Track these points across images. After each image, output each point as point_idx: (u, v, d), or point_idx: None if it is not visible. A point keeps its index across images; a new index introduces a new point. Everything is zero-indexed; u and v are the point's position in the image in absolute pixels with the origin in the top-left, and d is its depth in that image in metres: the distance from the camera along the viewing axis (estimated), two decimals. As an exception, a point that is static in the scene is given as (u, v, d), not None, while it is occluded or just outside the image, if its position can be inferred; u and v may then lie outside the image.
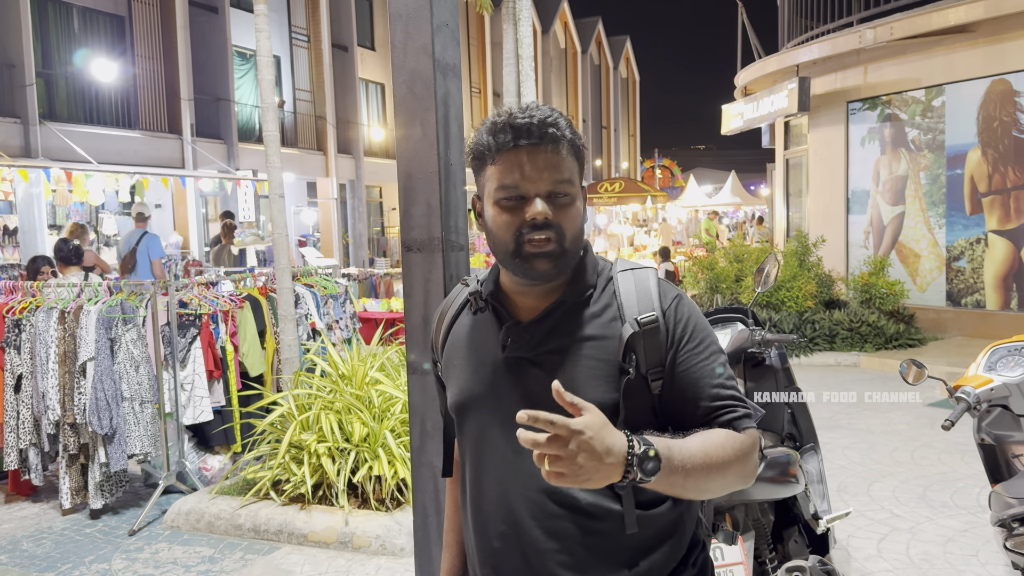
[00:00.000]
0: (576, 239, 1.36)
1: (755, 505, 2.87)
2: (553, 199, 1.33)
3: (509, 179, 1.33)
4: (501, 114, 1.36)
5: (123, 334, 4.83)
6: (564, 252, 1.34)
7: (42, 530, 4.70)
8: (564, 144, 1.34)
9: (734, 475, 1.31)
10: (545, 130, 1.32)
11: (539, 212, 1.31)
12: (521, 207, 1.33)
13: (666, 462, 1.19)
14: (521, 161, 1.32)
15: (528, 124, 1.32)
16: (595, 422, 1.15)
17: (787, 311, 9.33)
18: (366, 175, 23.73)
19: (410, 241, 2.44)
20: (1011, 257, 9.18)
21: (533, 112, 1.33)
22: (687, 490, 1.27)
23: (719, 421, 1.34)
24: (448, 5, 2.37)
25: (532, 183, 1.32)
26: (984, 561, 3.90)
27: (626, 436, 1.18)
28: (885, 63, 10.20)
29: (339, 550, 4.19)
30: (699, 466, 1.25)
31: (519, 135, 1.32)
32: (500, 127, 1.33)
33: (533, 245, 1.32)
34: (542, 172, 1.32)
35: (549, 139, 1.32)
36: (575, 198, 1.35)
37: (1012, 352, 2.73)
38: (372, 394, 4.63)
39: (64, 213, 13.59)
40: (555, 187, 1.33)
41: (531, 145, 1.32)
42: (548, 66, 34.68)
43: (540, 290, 1.40)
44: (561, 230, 1.33)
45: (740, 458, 1.31)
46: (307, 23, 22.15)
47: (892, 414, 6.63)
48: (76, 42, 15.87)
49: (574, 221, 1.35)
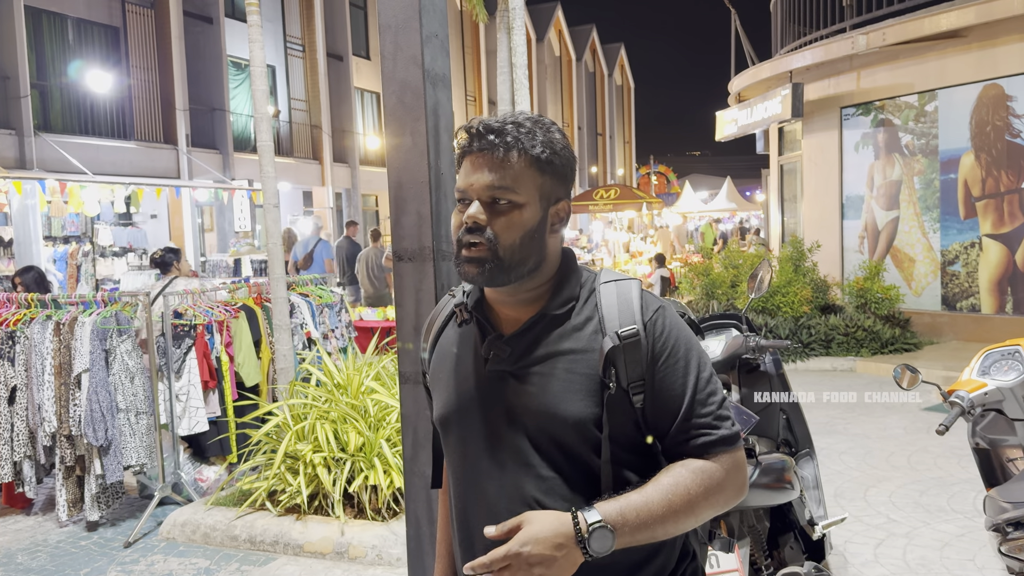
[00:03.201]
0: (515, 249, 1.32)
1: (750, 512, 2.87)
2: (491, 205, 1.32)
3: (460, 182, 1.36)
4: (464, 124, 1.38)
5: (118, 345, 4.82)
6: (497, 259, 1.32)
7: (37, 543, 4.68)
8: (513, 151, 1.32)
9: (707, 509, 1.32)
10: (491, 136, 1.32)
11: (470, 215, 1.32)
12: (465, 211, 1.35)
13: (620, 528, 1.23)
14: (469, 165, 1.35)
15: (478, 129, 1.34)
16: (530, 532, 1.21)
17: (783, 316, 9.34)
18: (362, 184, 23.75)
19: (401, 251, 2.44)
20: (1005, 261, 9.20)
21: (492, 120, 1.35)
22: (658, 537, 1.29)
23: (692, 445, 1.33)
24: (437, 16, 2.38)
25: (472, 187, 1.33)
26: (981, 565, 3.90)
27: (571, 517, 1.23)
28: (878, 69, 10.24)
29: (335, 561, 4.18)
30: (663, 516, 1.27)
31: (471, 140, 1.35)
32: (462, 134, 1.37)
33: (466, 249, 1.33)
34: (482, 176, 1.32)
35: (491, 145, 1.32)
36: (518, 206, 1.32)
37: (1005, 356, 2.73)
38: (368, 403, 4.62)
39: (60, 224, 13.58)
40: (494, 192, 1.32)
41: (478, 150, 1.33)
42: (543, 74, 34.77)
43: (521, 301, 1.39)
44: (494, 236, 1.31)
45: (710, 492, 1.31)
46: (302, 33, 22.19)
47: (888, 419, 6.63)
48: (71, 53, 15.88)
49: (510, 229, 1.32)
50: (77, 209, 11.80)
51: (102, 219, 14.08)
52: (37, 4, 15.01)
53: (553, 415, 1.33)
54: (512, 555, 1.19)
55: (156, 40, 17.39)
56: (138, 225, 15.54)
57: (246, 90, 19.91)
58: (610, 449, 1.32)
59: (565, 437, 1.32)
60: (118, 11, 16.80)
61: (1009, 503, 2.44)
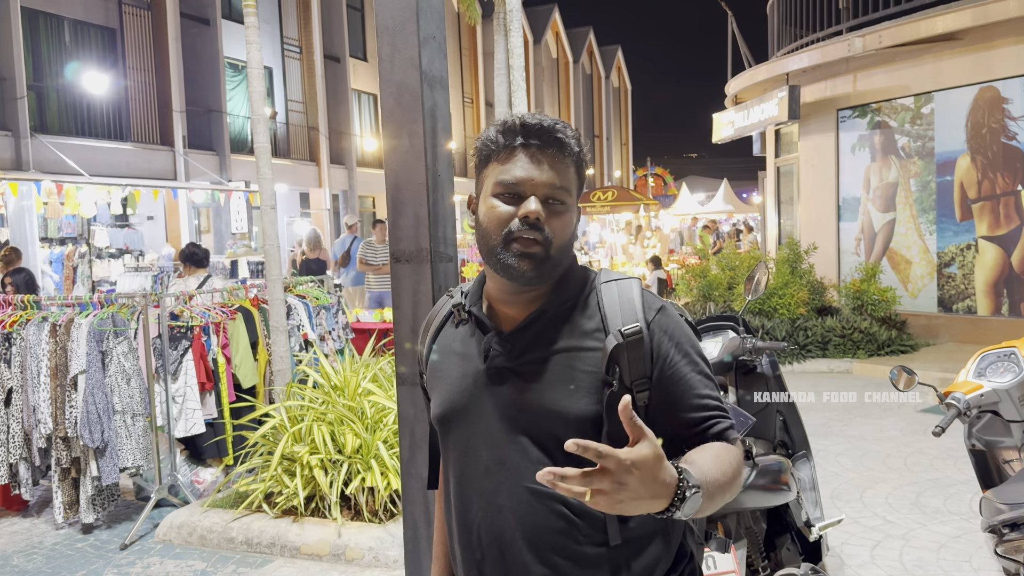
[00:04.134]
0: (562, 249, 1.35)
1: (747, 513, 2.87)
2: (548, 204, 1.33)
3: (510, 175, 1.34)
4: (512, 117, 1.38)
5: (114, 347, 4.81)
6: (548, 258, 1.33)
7: (33, 545, 4.66)
8: (569, 153, 1.35)
9: (736, 487, 1.30)
10: (553, 134, 1.34)
11: (532, 211, 1.31)
12: (516, 204, 1.33)
13: (705, 494, 1.16)
14: (525, 159, 1.33)
15: (538, 126, 1.34)
16: (648, 459, 1.07)
17: (779, 318, 9.35)
18: (359, 185, 23.75)
19: (398, 252, 2.44)
20: (1001, 263, 9.22)
21: (544, 118, 1.35)
22: (702, 512, 1.21)
23: (711, 433, 1.34)
24: (435, 17, 2.38)
25: (531, 182, 1.33)
26: (977, 567, 3.91)
27: (677, 473, 1.12)
28: (874, 71, 10.26)
29: (332, 563, 4.18)
30: (720, 488, 1.22)
31: (528, 134, 1.34)
32: (510, 126, 1.35)
33: (520, 244, 1.32)
34: (543, 174, 1.33)
35: (555, 144, 1.34)
36: (569, 208, 1.35)
37: (1001, 358, 2.74)
38: (365, 405, 4.61)
39: (56, 226, 13.56)
40: (552, 192, 1.33)
41: (537, 146, 1.33)
42: (540, 76, 34.79)
43: (523, 299, 1.40)
44: (550, 236, 1.32)
45: (738, 471, 1.31)
46: (299, 34, 22.19)
47: (885, 420, 6.64)
48: (67, 54, 15.86)
49: (564, 230, 1.35)
50: (73, 210, 11.80)
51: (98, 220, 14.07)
52: (34, 5, 15.00)
53: (553, 412, 1.33)
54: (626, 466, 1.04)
55: (153, 41, 17.38)
56: (134, 227, 15.53)
57: (243, 91, 19.91)
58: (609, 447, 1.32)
59: (565, 434, 1.32)
60: (115, 12, 16.79)
61: (1005, 504, 2.44)
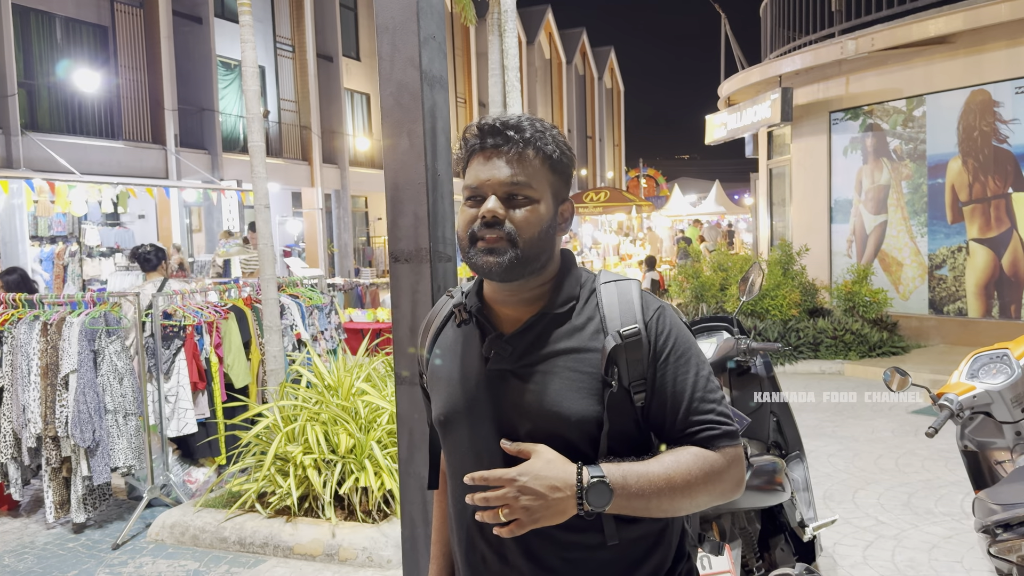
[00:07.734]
0: (533, 241, 1.34)
1: (741, 514, 2.88)
2: (509, 200, 1.34)
3: (471, 179, 1.36)
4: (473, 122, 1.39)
5: (106, 346, 4.79)
6: (515, 250, 1.33)
7: (24, 545, 4.64)
8: (529, 148, 1.35)
9: (705, 495, 1.32)
10: (506, 131, 1.34)
11: (488, 209, 1.33)
12: (479, 206, 1.35)
13: (620, 490, 1.25)
14: (483, 161, 1.35)
15: (491, 126, 1.35)
16: (533, 465, 1.25)
17: (772, 320, 9.38)
18: (351, 185, 23.68)
19: (397, 252, 2.44)
20: (992, 265, 9.28)
21: (502, 116, 1.36)
22: (652, 512, 1.30)
23: (695, 439, 1.34)
24: (435, 18, 2.38)
25: (489, 182, 1.34)
26: (969, 567, 3.93)
27: (576, 468, 1.25)
28: (866, 73, 10.31)
29: (325, 563, 4.17)
30: (660, 490, 1.28)
31: (484, 136, 1.35)
32: (470, 132, 1.37)
33: (483, 242, 1.33)
34: (500, 172, 1.33)
35: (509, 141, 1.34)
36: (535, 201, 1.35)
37: (994, 359, 2.76)
38: (358, 405, 4.61)
39: (46, 224, 13.49)
40: (513, 188, 1.34)
41: (493, 146, 1.34)
42: (533, 76, 34.80)
43: (521, 299, 1.40)
44: (511, 230, 1.33)
45: (710, 478, 1.32)
46: (292, 33, 22.12)
47: (876, 421, 6.68)
48: (59, 52, 15.77)
49: (530, 222, 1.34)
50: (64, 209, 11.74)
51: (89, 219, 14.01)
52: (25, 2, 14.91)
53: (555, 413, 1.33)
54: (508, 480, 1.23)
55: (145, 40, 17.29)
56: (125, 225, 15.47)
57: (235, 90, 19.85)
58: (609, 447, 1.33)
59: (566, 435, 1.33)
60: (107, 10, 16.71)
61: (998, 505, 2.46)
